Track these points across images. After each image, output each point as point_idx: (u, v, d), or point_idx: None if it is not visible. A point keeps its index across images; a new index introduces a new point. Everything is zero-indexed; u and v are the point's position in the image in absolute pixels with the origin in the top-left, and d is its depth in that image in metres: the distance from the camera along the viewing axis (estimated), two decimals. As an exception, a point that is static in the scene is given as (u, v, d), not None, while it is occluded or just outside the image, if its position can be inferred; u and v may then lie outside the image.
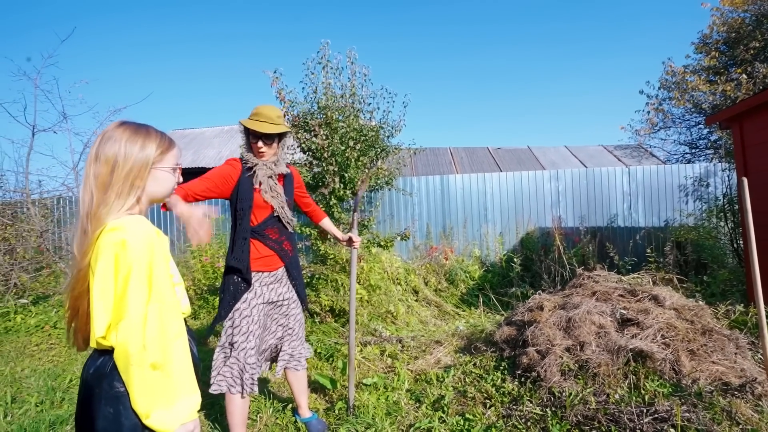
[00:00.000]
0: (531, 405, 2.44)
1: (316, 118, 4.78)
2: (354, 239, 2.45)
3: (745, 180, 3.14)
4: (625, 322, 2.90)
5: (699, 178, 6.63)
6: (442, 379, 2.92)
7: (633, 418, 2.17)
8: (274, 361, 2.35)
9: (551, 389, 2.50)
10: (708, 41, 11.71)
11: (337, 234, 2.52)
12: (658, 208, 6.79)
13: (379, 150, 5.24)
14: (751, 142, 4.03)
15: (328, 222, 2.56)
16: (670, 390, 2.41)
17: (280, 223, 2.20)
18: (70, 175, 5.90)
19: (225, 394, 2.10)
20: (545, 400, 2.46)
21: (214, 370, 2.10)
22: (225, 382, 2.08)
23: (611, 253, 5.60)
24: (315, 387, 2.95)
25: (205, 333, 3.92)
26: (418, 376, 3.07)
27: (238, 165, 2.12)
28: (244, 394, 2.07)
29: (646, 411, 2.20)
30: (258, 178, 2.11)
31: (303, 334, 2.38)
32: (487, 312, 4.90)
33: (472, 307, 5.21)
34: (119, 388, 1.01)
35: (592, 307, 2.98)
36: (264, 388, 2.92)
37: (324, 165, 4.70)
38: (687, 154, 13.10)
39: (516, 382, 2.70)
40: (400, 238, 5.14)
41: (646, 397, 2.36)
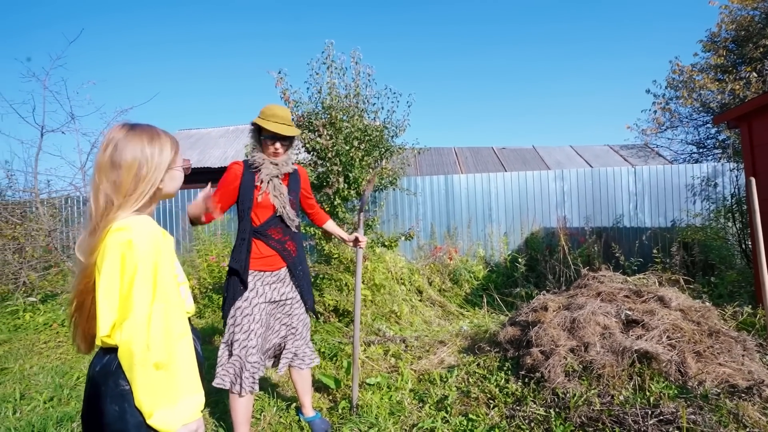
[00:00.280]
0: (535, 406, 2.43)
1: (321, 118, 4.79)
2: (360, 239, 2.45)
3: (753, 180, 3.12)
4: (630, 323, 2.88)
5: (707, 178, 6.56)
6: (445, 379, 2.92)
7: (638, 419, 2.16)
8: (278, 359, 2.36)
9: (555, 390, 2.49)
10: (716, 39, 11.57)
11: (342, 235, 2.52)
12: (665, 208, 6.73)
13: (383, 150, 5.24)
14: (760, 142, 3.98)
15: (332, 224, 2.56)
16: (676, 392, 2.39)
17: (283, 223, 2.21)
18: (78, 175, 5.97)
19: (229, 392, 2.12)
20: (549, 400, 2.45)
21: (218, 365, 2.12)
22: (228, 378, 2.10)
23: (617, 254, 5.57)
24: (319, 386, 2.96)
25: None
26: (421, 376, 3.07)
27: (239, 167, 2.14)
28: (245, 393, 2.08)
29: (651, 413, 2.19)
30: (261, 177, 2.13)
31: (308, 335, 2.38)
32: (491, 312, 4.89)
33: (476, 308, 5.19)
34: (125, 386, 1.02)
35: (596, 308, 2.96)
36: (268, 387, 2.94)
37: (328, 165, 4.71)
38: (694, 153, 12.96)
39: (520, 383, 2.69)
40: (404, 238, 5.14)
41: (652, 398, 2.34)
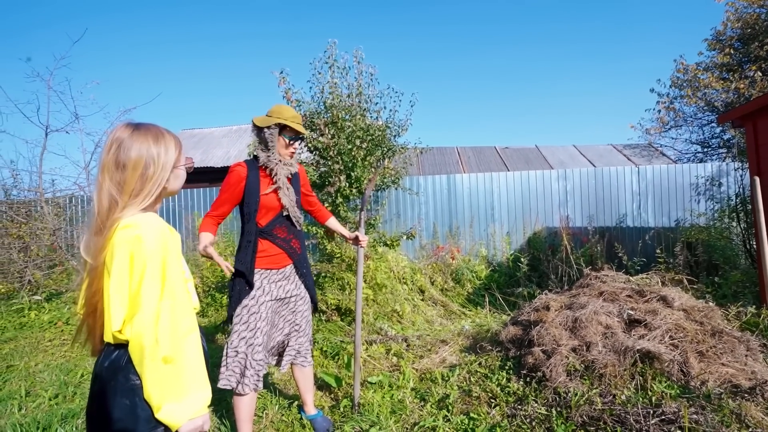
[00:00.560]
0: (536, 405, 2.43)
1: (323, 117, 4.80)
2: (361, 238, 2.46)
3: (757, 179, 3.10)
4: (632, 323, 2.88)
5: (711, 177, 6.52)
6: (447, 378, 2.92)
7: (639, 419, 2.15)
8: (281, 356, 2.37)
9: (557, 389, 2.49)
10: (721, 38, 11.49)
11: (344, 232, 2.53)
12: (669, 208, 6.70)
13: (385, 149, 5.24)
14: (765, 141, 3.95)
15: (334, 221, 2.57)
16: (678, 391, 2.38)
17: (288, 222, 2.22)
18: (82, 175, 6.01)
19: (232, 390, 2.13)
20: (550, 400, 2.45)
21: (223, 365, 2.13)
22: (234, 377, 2.11)
23: (620, 254, 5.55)
24: (320, 385, 2.97)
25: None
26: (423, 375, 3.07)
27: (242, 169, 2.14)
28: (250, 390, 2.09)
29: (653, 412, 2.18)
30: (278, 177, 2.17)
31: (310, 331, 2.40)
32: (493, 312, 4.89)
33: (479, 307, 5.19)
34: (135, 380, 1.04)
35: (599, 308, 2.96)
36: (270, 385, 2.95)
37: (330, 164, 4.72)
38: (699, 153, 12.89)
39: (521, 382, 2.69)
40: (406, 238, 5.15)
41: (653, 398, 2.33)
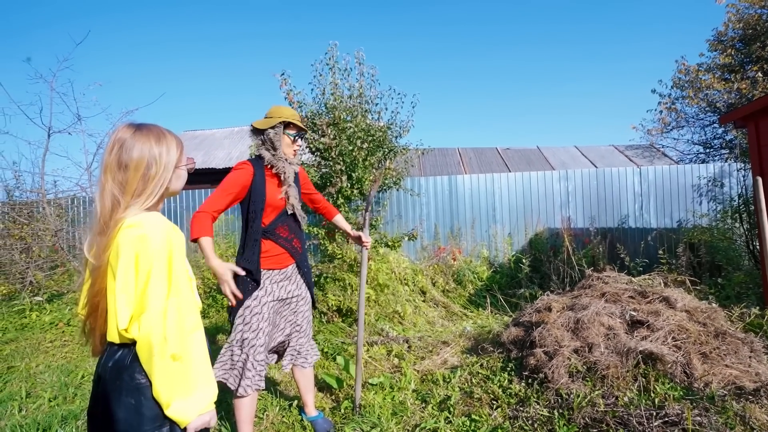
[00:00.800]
0: (538, 406, 2.42)
1: (324, 118, 4.80)
2: (364, 239, 2.46)
3: (760, 179, 3.09)
4: (634, 324, 2.86)
5: (713, 178, 6.50)
6: (448, 379, 2.91)
7: (642, 421, 2.14)
8: (281, 356, 2.37)
9: (559, 391, 2.47)
10: (723, 38, 11.47)
11: (348, 230, 2.54)
12: (671, 208, 6.67)
13: (387, 150, 5.24)
14: (767, 141, 3.93)
15: (340, 218, 2.58)
16: (681, 393, 2.36)
17: (289, 221, 2.22)
18: (84, 176, 6.04)
19: (233, 391, 2.12)
20: (552, 401, 2.44)
21: (218, 362, 2.12)
22: (232, 377, 2.10)
23: (622, 255, 5.53)
24: (321, 386, 2.96)
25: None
26: (424, 377, 3.06)
27: (249, 168, 2.14)
28: (252, 391, 2.08)
29: (656, 414, 2.17)
30: (288, 175, 2.18)
31: (311, 332, 2.39)
32: (494, 313, 4.87)
33: (480, 308, 5.18)
34: (140, 379, 1.05)
35: (601, 309, 2.94)
36: (271, 387, 2.94)
37: (331, 164, 4.72)
38: (701, 154, 12.86)
39: (523, 384, 2.67)
40: (407, 239, 5.14)
41: (656, 400, 2.32)
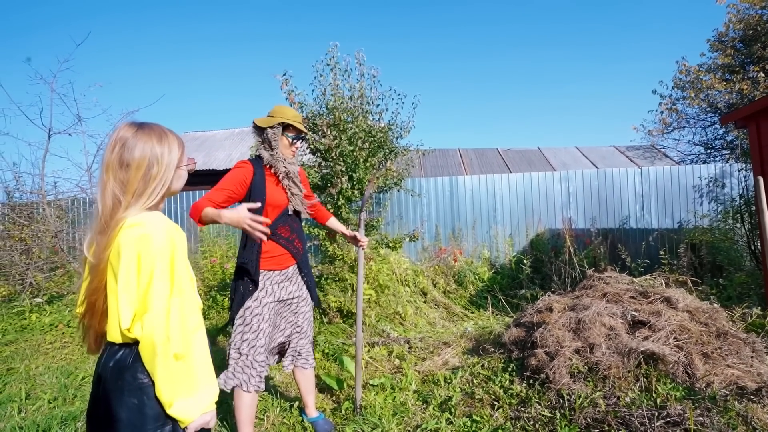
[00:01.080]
0: (539, 407, 2.41)
1: (325, 119, 4.80)
2: (359, 239, 2.45)
3: (761, 179, 3.08)
4: (636, 324, 2.85)
5: (714, 178, 6.49)
6: (449, 380, 2.90)
7: (644, 421, 2.12)
8: (282, 356, 2.36)
9: (560, 391, 2.46)
10: (724, 39, 11.47)
11: (344, 231, 2.53)
12: (672, 209, 6.66)
13: (387, 151, 5.24)
14: (768, 141, 3.92)
15: (334, 221, 2.57)
16: (683, 393, 2.35)
17: (291, 221, 2.22)
18: (84, 177, 6.02)
19: (233, 391, 2.11)
20: (554, 402, 2.43)
21: (230, 368, 2.11)
22: (234, 379, 2.09)
23: (623, 255, 5.51)
24: (322, 387, 2.95)
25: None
26: (425, 377, 3.05)
27: (249, 166, 2.14)
28: (251, 391, 2.08)
29: (657, 414, 2.16)
30: (293, 174, 2.19)
31: (311, 333, 2.39)
32: (495, 314, 4.86)
33: (481, 309, 5.16)
34: (143, 379, 1.04)
35: (602, 309, 2.93)
36: (271, 388, 2.93)
37: (332, 165, 4.72)
38: (702, 154, 12.84)
39: (524, 384, 2.66)
40: (408, 239, 5.13)
41: (658, 400, 2.31)
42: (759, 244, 4.77)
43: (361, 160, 4.76)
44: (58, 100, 9.31)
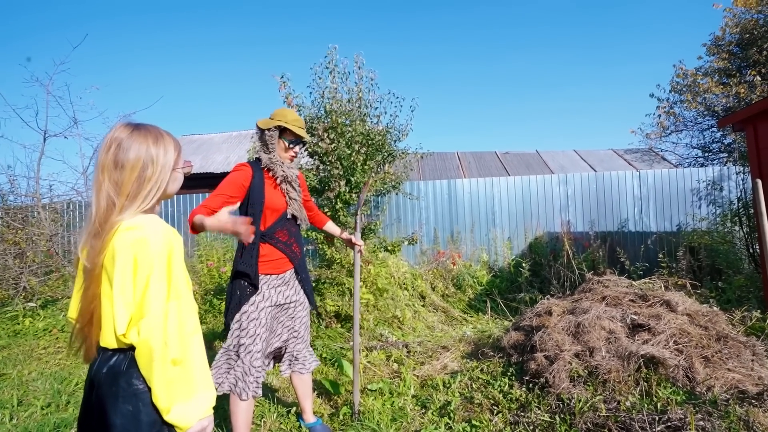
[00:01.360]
0: (539, 412, 2.38)
1: (323, 122, 4.78)
2: (355, 241, 2.43)
3: (759, 182, 3.07)
4: (636, 328, 2.83)
5: (712, 181, 6.50)
6: (448, 384, 2.87)
7: (645, 426, 2.10)
8: (278, 360, 2.33)
9: (560, 396, 2.44)
10: (720, 43, 11.55)
11: (338, 233, 2.52)
12: (670, 212, 6.66)
13: (386, 154, 5.22)
14: (766, 144, 3.93)
15: (331, 224, 2.56)
16: (684, 397, 2.33)
17: (289, 225, 2.19)
18: (80, 180, 5.99)
19: (229, 397, 2.08)
20: (554, 406, 2.40)
21: (213, 369, 2.08)
22: (228, 383, 2.06)
23: (622, 258, 5.51)
24: (320, 392, 2.92)
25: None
26: (424, 382, 3.02)
27: (248, 169, 2.12)
28: (248, 397, 2.05)
29: (658, 419, 2.13)
30: (291, 179, 2.17)
31: (308, 338, 2.36)
32: (494, 317, 4.84)
33: (480, 313, 5.14)
34: (138, 385, 1.02)
35: (601, 312, 2.91)
36: (268, 393, 2.90)
37: (330, 169, 4.70)
38: (699, 157, 12.90)
39: (524, 388, 2.64)
40: (407, 243, 5.11)
41: (659, 404, 2.28)
42: (758, 247, 4.77)
43: (359, 164, 4.74)
44: (54, 102, 9.28)
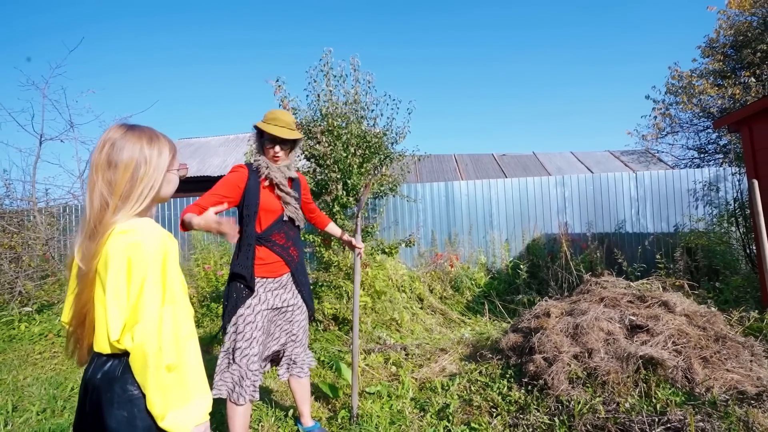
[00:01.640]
0: (538, 414, 2.37)
1: (319, 125, 4.78)
2: (355, 244, 2.42)
3: (755, 182, 3.08)
4: (634, 329, 2.83)
5: (708, 182, 6.52)
6: (447, 387, 2.86)
7: (645, 427, 2.09)
8: (275, 363, 2.31)
9: (559, 397, 2.43)
10: (714, 45, 11.63)
11: (339, 235, 2.51)
12: (667, 213, 6.68)
13: (383, 156, 5.22)
14: (761, 145, 3.95)
15: (332, 226, 2.55)
16: (683, 398, 2.33)
17: (286, 228, 2.18)
18: (76, 184, 5.95)
19: (226, 401, 2.06)
20: (553, 408, 2.39)
21: (217, 374, 2.07)
22: (225, 387, 2.05)
23: (619, 260, 5.51)
24: (318, 395, 2.90)
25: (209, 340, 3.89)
26: (422, 385, 3.01)
27: (244, 171, 2.11)
28: (245, 401, 2.03)
29: (658, 420, 2.13)
30: (277, 181, 2.12)
31: (306, 342, 2.34)
32: (492, 319, 4.83)
33: (478, 315, 5.13)
34: (133, 390, 1.01)
35: (600, 314, 2.91)
36: (266, 396, 2.88)
37: (326, 172, 4.69)
38: (696, 159, 12.95)
39: (523, 391, 2.63)
40: (404, 245, 5.10)
41: (658, 405, 2.28)
42: (754, 248, 4.78)
43: (356, 167, 4.73)
44: (50, 106, 9.22)
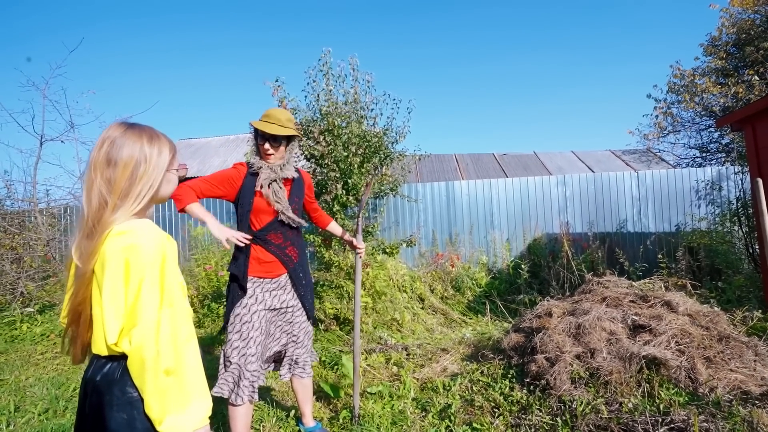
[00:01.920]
0: (541, 414, 2.36)
1: (319, 125, 4.77)
2: (356, 244, 2.41)
3: (759, 181, 3.06)
4: (637, 329, 2.81)
5: (711, 181, 6.50)
6: (448, 387, 2.85)
7: (648, 427, 2.08)
8: (278, 364, 2.31)
9: (561, 398, 2.42)
10: (717, 43, 11.58)
11: (341, 235, 2.49)
12: (669, 213, 6.66)
13: (383, 156, 5.20)
14: (765, 144, 3.93)
15: (334, 225, 2.54)
16: (687, 399, 2.32)
17: (284, 228, 2.16)
18: (77, 184, 5.94)
19: (227, 401, 2.06)
20: (555, 409, 2.38)
21: (219, 374, 2.07)
22: (227, 386, 2.04)
23: (621, 259, 5.50)
24: (319, 395, 2.89)
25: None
26: (424, 385, 3.00)
27: (243, 169, 2.11)
28: (243, 401, 2.02)
29: (661, 420, 2.11)
30: (260, 181, 2.09)
31: (309, 343, 2.32)
32: (494, 319, 4.82)
33: (479, 315, 5.12)
34: (132, 393, 1.00)
35: (602, 313, 2.90)
36: (267, 396, 2.87)
37: (326, 172, 4.68)
38: (698, 158, 12.90)
39: (525, 391, 2.62)
40: (405, 245, 5.09)
41: (661, 405, 2.27)
42: (757, 247, 4.76)
43: (356, 166, 4.72)
44: (50, 106, 9.24)
